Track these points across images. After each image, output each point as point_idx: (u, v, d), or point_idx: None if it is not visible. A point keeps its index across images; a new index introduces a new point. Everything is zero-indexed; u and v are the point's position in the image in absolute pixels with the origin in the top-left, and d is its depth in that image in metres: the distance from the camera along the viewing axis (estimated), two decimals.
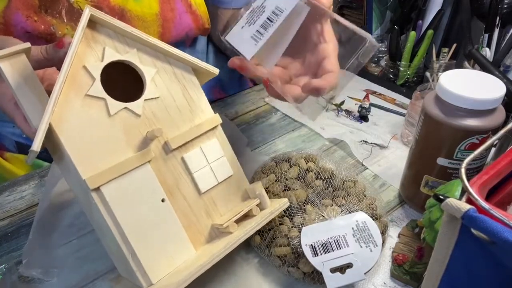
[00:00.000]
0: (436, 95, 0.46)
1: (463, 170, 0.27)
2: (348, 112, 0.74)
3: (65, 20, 0.57)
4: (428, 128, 0.47)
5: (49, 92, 0.36)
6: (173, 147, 0.41)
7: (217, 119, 0.45)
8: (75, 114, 0.37)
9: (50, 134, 0.36)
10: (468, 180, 0.27)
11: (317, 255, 0.43)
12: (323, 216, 0.45)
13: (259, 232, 0.46)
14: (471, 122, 0.44)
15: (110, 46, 0.39)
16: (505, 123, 0.43)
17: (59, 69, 0.36)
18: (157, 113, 0.41)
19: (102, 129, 0.38)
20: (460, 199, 0.27)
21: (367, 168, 0.62)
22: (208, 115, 0.45)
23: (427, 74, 0.69)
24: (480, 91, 0.43)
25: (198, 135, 0.44)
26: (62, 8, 0.57)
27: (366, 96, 0.74)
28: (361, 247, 0.43)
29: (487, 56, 0.71)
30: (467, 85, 0.44)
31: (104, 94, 0.38)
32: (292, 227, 0.45)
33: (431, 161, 0.48)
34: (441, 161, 0.47)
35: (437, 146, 0.47)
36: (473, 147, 0.45)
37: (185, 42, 0.74)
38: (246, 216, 0.44)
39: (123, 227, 0.38)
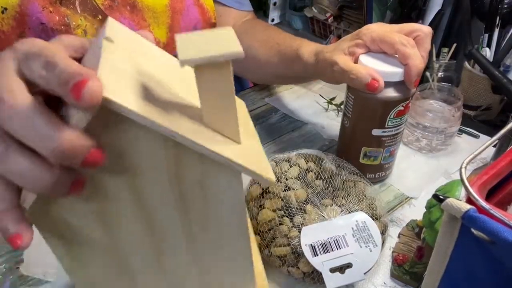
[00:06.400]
0: None
1: (463, 170, 0.27)
2: None
3: (78, 11, 0.58)
4: (360, 106, 0.52)
5: None
6: None
7: None
8: None
9: None
10: None
11: (317, 255, 0.43)
12: (323, 216, 0.45)
13: (259, 232, 0.46)
14: (394, 93, 0.49)
15: None
16: (505, 123, 0.43)
17: None
18: None
19: None
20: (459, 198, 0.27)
21: None
22: None
23: (427, 74, 0.69)
24: (392, 67, 0.49)
25: None
26: None
27: None
28: (361, 247, 0.43)
29: (487, 56, 0.71)
30: (383, 63, 0.49)
31: None
32: (292, 227, 0.45)
33: (367, 134, 0.53)
34: (376, 132, 0.52)
35: (370, 120, 0.52)
36: (401, 113, 0.51)
37: None
38: None
39: None
